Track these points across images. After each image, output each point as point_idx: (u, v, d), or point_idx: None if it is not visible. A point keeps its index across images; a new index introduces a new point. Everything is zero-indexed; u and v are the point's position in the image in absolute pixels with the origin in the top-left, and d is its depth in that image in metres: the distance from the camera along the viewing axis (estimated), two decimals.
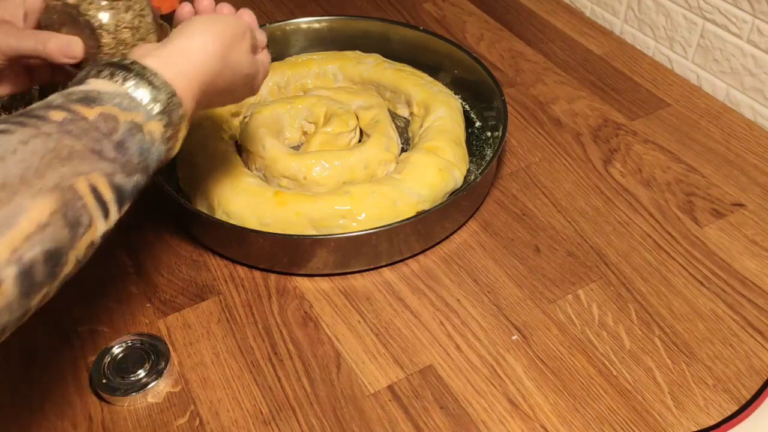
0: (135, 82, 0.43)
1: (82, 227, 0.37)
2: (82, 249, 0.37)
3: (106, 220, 0.39)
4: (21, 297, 0.34)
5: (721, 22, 0.83)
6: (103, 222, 0.39)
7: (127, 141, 0.40)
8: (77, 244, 0.37)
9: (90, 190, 0.37)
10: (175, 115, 0.44)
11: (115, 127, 0.40)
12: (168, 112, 0.44)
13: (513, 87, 0.89)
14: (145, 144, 0.42)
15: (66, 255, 0.36)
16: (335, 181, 0.70)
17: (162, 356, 0.59)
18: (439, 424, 0.55)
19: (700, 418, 0.55)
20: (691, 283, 0.65)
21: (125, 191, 0.41)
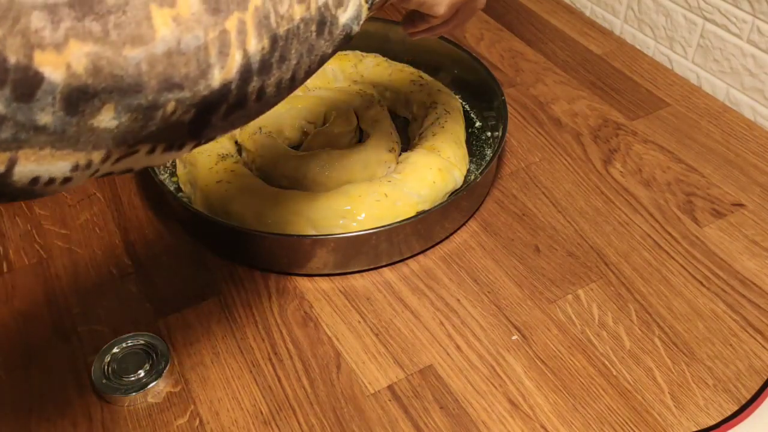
0: None
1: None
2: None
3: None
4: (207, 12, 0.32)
5: (721, 22, 0.83)
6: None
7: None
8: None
9: None
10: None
11: None
12: None
13: (513, 87, 0.89)
14: None
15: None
16: (335, 181, 0.70)
17: (162, 356, 0.59)
18: (439, 424, 0.55)
19: (700, 418, 0.55)
20: (691, 283, 0.65)
21: None
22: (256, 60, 0.35)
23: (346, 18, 0.40)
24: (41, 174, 0.30)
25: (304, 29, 0.38)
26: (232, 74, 0.34)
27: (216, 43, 0.33)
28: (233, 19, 0.33)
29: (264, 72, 0.36)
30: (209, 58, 0.33)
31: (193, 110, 0.34)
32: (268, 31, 0.35)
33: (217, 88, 0.34)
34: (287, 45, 0.37)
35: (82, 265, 0.69)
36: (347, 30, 0.41)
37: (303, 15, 0.37)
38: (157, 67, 0.31)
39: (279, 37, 0.36)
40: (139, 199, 0.75)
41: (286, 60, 0.37)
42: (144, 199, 0.75)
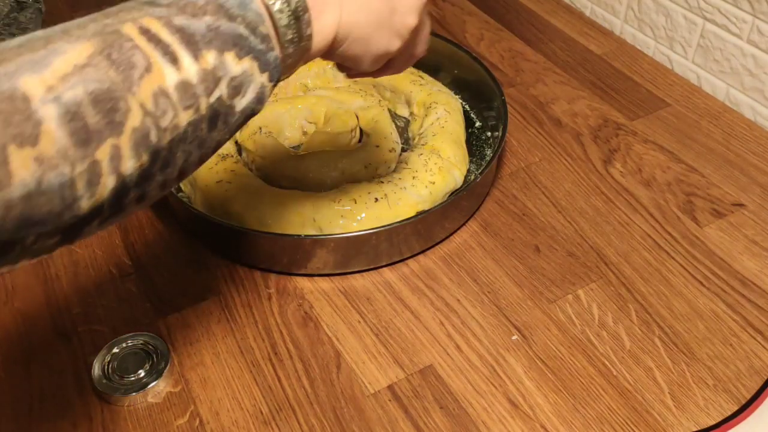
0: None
1: (138, 69, 0.32)
2: (148, 96, 0.33)
3: (176, 65, 0.34)
4: (75, 145, 0.30)
5: (721, 22, 0.83)
6: (171, 67, 0.33)
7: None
8: (135, 90, 0.32)
9: (140, 32, 0.33)
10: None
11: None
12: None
13: (513, 87, 0.89)
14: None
15: (123, 100, 0.32)
16: (335, 181, 0.70)
17: (162, 356, 0.59)
18: (439, 424, 0.55)
19: (700, 418, 0.55)
20: (691, 283, 0.65)
21: (193, 32, 0.35)
22: (134, 177, 0.33)
23: (245, 104, 0.38)
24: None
25: (193, 131, 0.35)
26: (103, 198, 0.32)
27: (84, 176, 0.31)
28: (106, 146, 0.31)
29: (144, 182, 0.34)
30: (76, 192, 0.31)
31: (59, 235, 0.32)
32: (148, 148, 0.33)
33: (85, 214, 0.32)
34: (172, 152, 0.35)
35: (82, 265, 0.69)
36: (248, 112, 0.38)
37: (191, 119, 0.35)
38: (14, 211, 0.29)
39: (162, 149, 0.34)
40: None
41: (170, 164, 0.35)
42: None
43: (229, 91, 0.36)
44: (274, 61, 0.38)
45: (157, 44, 0.33)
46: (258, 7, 0.37)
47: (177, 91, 0.34)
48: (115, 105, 0.32)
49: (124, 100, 0.32)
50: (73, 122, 0.30)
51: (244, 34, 0.36)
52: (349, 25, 0.43)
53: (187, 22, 0.35)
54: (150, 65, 0.33)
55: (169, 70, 0.34)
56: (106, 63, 0.32)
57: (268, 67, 0.38)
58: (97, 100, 0.31)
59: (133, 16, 0.34)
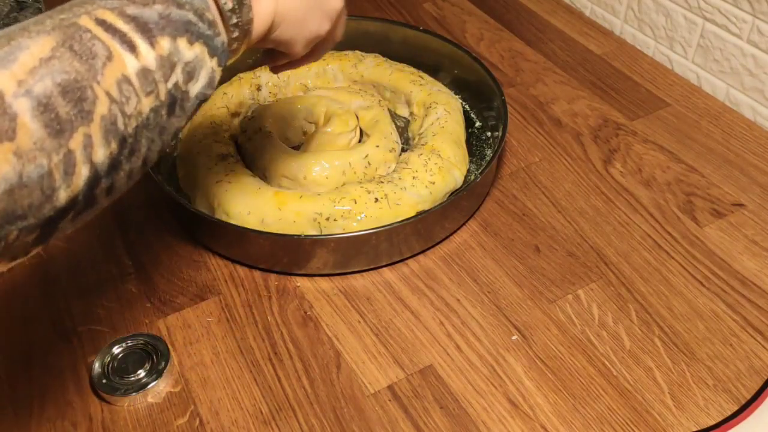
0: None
1: (100, 59, 0.33)
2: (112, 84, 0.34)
3: (134, 53, 0.35)
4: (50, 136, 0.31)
5: (721, 22, 0.83)
6: (130, 55, 0.35)
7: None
8: (100, 79, 0.33)
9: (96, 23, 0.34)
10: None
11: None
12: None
13: (513, 87, 0.89)
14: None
15: (90, 89, 0.33)
16: (335, 181, 0.70)
17: (162, 356, 0.59)
18: (439, 424, 0.55)
19: (700, 418, 0.55)
20: (691, 283, 0.65)
21: (146, 20, 0.36)
22: (105, 165, 0.34)
23: (198, 88, 0.39)
24: None
25: (155, 117, 0.37)
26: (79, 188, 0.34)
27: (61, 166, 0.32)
28: (78, 135, 0.32)
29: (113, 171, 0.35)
30: (54, 183, 0.32)
31: (38, 230, 0.33)
32: (116, 135, 0.34)
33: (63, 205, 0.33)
34: (137, 139, 0.36)
35: (82, 265, 0.69)
36: (201, 98, 0.40)
37: (153, 105, 0.36)
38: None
39: (128, 136, 0.35)
40: (139, 199, 0.75)
41: (136, 152, 0.36)
42: (144, 199, 0.75)
43: (183, 77, 0.38)
44: (221, 45, 0.40)
45: (115, 33, 0.35)
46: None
47: (138, 78, 0.35)
48: (83, 94, 0.33)
49: (90, 89, 0.33)
50: (46, 113, 0.31)
51: (193, 20, 0.38)
52: (284, 9, 0.45)
53: (140, 11, 0.36)
54: (111, 54, 0.34)
55: (129, 58, 0.35)
56: (69, 54, 0.33)
57: (217, 51, 0.40)
58: (65, 91, 0.32)
59: (87, 9, 0.35)
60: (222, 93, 0.82)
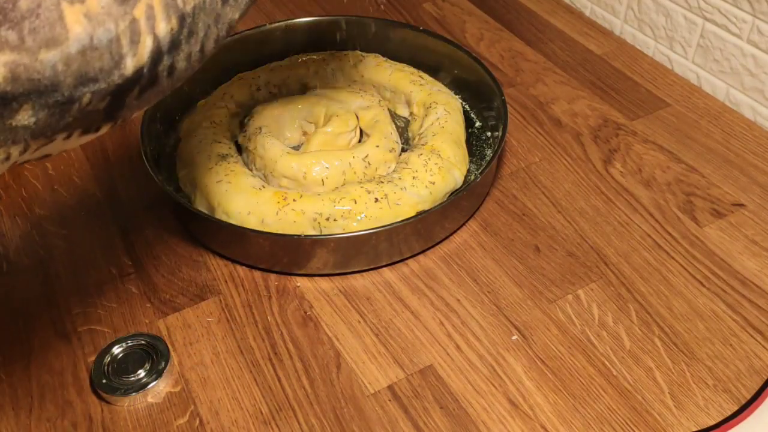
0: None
1: None
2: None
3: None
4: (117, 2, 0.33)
5: (721, 22, 0.83)
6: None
7: None
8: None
9: None
10: None
11: None
12: None
13: (513, 87, 0.89)
14: None
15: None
16: (335, 181, 0.70)
17: (162, 356, 0.59)
18: (439, 424, 0.55)
19: (700, 418, 0.55)
20: (691, 283, 0.65)
21: None
22: (166, 41, 0.36)
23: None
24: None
25: (210, 2, 0.39)
26: (144, 60, 0.35)
27: (127, 33, 0.34)
28: (141, 5, 0.34)
29: (174, 50, 0.37)
30: (122, 49, 0.34)
31: (108, 98, 0.35)
32: (176, 11, 0.36)
33: (130, 75, 0.35)
34: (195, 20, 0.38)
35: (82, 265, 0.69)
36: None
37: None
38: (73, 66, 0.32)
39: (186, 15, 0.37)
40: (139, 199, 0.75)
41: (194, 34, 0.38)
42: (144, 199, 0.75)
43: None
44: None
45: None
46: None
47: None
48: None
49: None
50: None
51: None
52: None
53: None
54: None
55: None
56: None
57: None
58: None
59: None
60: (222, 93, 0.82)
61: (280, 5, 1.06)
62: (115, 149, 0.81)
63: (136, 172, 0.77)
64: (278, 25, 0.89)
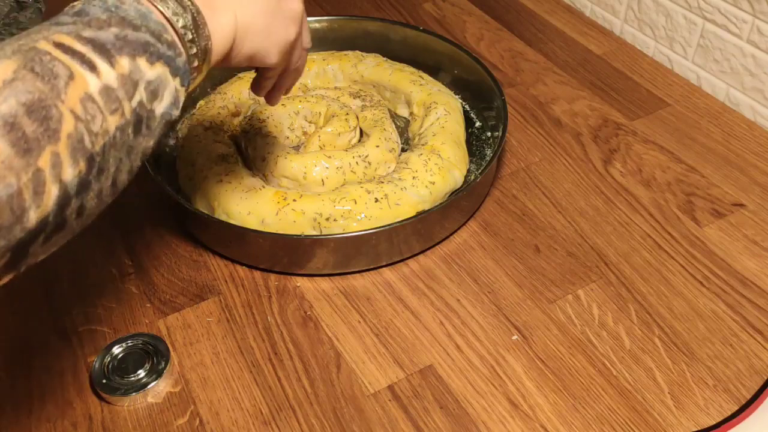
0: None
1: (62, 78, 0.34)
2: (76, 103, 0.34)
3: (95, 72, 0.36)
4: (18, 155, 0.32)
5: (721, 22, 0.83)
6: (91, 74, 0.35)
7: (86, 8, 0.38)
8: (64, 98, 0.34)
9: (54, 46, 0.35)
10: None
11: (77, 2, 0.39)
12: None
13: (513, 87, 0.89)
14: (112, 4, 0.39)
15: (55, 108, 0.33)
16: (335, 181, 0.70)
17: (162, 356, 0.59)
18: (439, 424, 0.55)
19: (700, 418, 0.55)
20: (691, 283, 0.65)
21: (104, 42, 0.37)
22: (74, 184, 0.35)
23: (163, 107, 0.40)
24: None
25: (121, 136, 0.37)
26: (49, 209, 0.34)
27: (30, 186, 0.32)
28: (46, 154, 0.33)
29: (83, 191, 0.36)
30: (24, 203, 0.32)
31: (9, 254, 0.33)
32: (84, 154, 0.35)
33: (33, 227, 0.33)
34: (105, 157, 0.36)
35: (82, 265, 0.69)
36: (166, 117, 0.40)
37: (118, 123, 0.37)
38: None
39: (95, 154, 0.36)
40: (139, 199, 0.75)
41: (104, 171, 0.37)
42: (144, 199, 0.75)
43: (147, 95, 0.38)
44: (183, 65, 0.41)
45: (74, 55, 0.35)
46: (158, 17, 0.40)
47: (101, 96, 0.36)
48: (48, 113, 0.33)
49: (55, 108, 0.33)
50: (13, 132, 0.31)
51: (151, 41, 0.39)
52: (245, 21, 0.46)
53: (95, 34, 0.37)
54: (72, 74, 0.35)
55: (91, 77, 0.35)
56: (31, 75, 0.33)
57: (179, 72, 0.40)
58: (30, 110, 0.32)
59: (44, 34, 0.36)
60: (222, 93, 0.82)
61: None
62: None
63: None
64: None
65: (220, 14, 0.44)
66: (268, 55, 0.50)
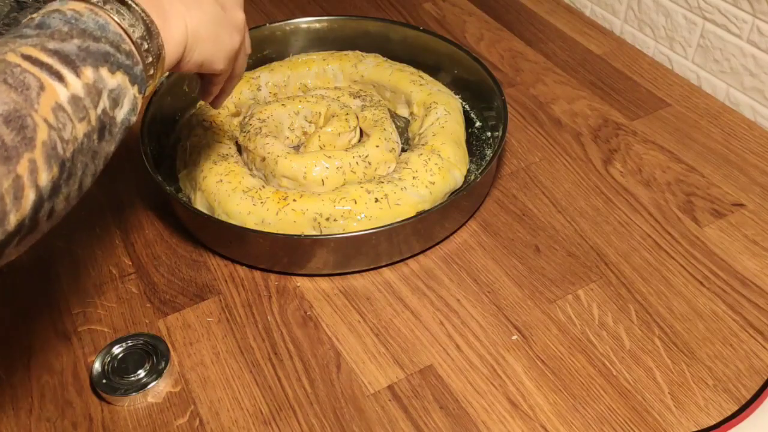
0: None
1: (33, 89, 0.36)
2: (48, 112, 0.36)
3: (63, 82, 0.38)
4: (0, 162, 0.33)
5: (721, 22, 0.83)
6: (60, 84, 0.38)
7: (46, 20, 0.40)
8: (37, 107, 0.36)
9: (23, 58, 0.37)
10: None
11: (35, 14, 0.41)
12: None
13: (513, 87, 0.89)
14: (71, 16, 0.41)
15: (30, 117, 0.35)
16: (335, 181, 0.70)
17: (162, 356, 0.59)
18: (439, 424, 0.55)
19: (700, 418, 0.55)
20: (691, 283, 0.65)
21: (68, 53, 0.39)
22: (48, 189, 0.37)
23: (123, 114, 0.42)
24: None
25: (88, 142, 0.39)
26: (26, 212, 0.36)
27: (11, 191, 0.34)
28: (24, 161, 0.34)
29: (54, 195, 0.38)
30: (6, 207, 0.34)
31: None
32: (57, 159, 0.37)
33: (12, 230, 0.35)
34: (74, 162, 0.38)
35: (82, 265, 0.69)
36: (126, 123, 0.43)
37: (86, 130, 0.39)
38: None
39: (66, 160, 0.38)
40: (139, 199, 0.75)
41: (73, 175, 0.39)
42: (144, 199, 0.75)
43: (110, 103, 0.41)
44: (140, 74, 0.43)
45: (42, 66, 0.37)
46: (115, 28, 0.42)
47: (70, 105, 0.38)
48: (24, 122, 0.35)
49: (30, 117, 0.35)
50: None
51: (111, 51, 0.41)
52: (195, 30, 0.48)
53: (60, 45, 0.39)
54: (42, 84, 0.37)
55: (60, 87, 0.38)
56: (5, 87, 0.35)
57: (137, 79, 0.43)
58: (8, 120, 0.34)
59: (10, 47, 0.37)
60: None
61: (280, 5, 1.06)
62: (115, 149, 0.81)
63: (136, 172, 0.77)
64: (278, 25, 0.89)
65: (171, 24, 0.46)
66: (216, 61, 0.52)
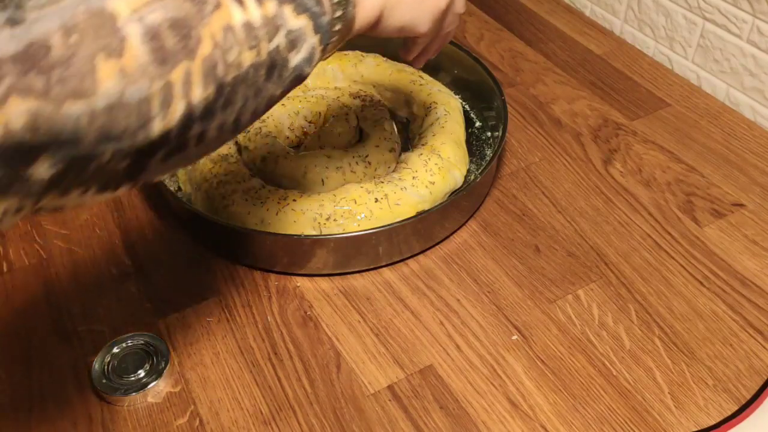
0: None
1: (209, 5, 0.35)
2: (218, 30, 0.35)
3: (242, 6, 0.36)
4: (154, 62, 0.32)
5: (721, 22, 0.83)
6: (237, 7, 0.36)
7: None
8: (207, 22, 0.35)
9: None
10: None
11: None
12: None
13: (513, 87, 0.89)
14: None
15: (196, 29, 0.34)
16: (335, 181, 0.70)
17: (162, 356, 0.59)
18: (439, 424, 0.55)
19: (700, 418, 0.55)
20: (691, 283, 0.65)
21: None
22: (200, 108, 0.35)
23: (298, 60, 0.40)
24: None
25: (253, 74, 0.38)
26: (173, 124, 0.34)
27: (160, 95, 0.33)
28: (180, 69, 0.34)
29: (207, 118, 0.36)
30: (151, 110, 0.33)
31: (129, 158, 0.34)
32: (215, 80, 0.36)
33: (155, 138, 0.34)
34: (233, 90, 0.37)
35: (82, 265, 0.69)
36: (298, 71, 0.41)
37: (253, 61, 0.37)
38: (97, 122, 0.31)
39: (225, 84, 0.36)
40: (139, 199, 0.75)
41: (231, 104, 0.37)
42: (144, 199, 0.75)
43: (286, 43, 0.39)
44: (326, 24, 0.41)
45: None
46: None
47: (243, 30, 0.36)
48: (189, 32, 0.34)
49: (196, 30, 0.34)
50: (154, 41, 0.32)
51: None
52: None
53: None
54: (219, 3, 0.36)
55: (236, 10, 0.36)
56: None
57: (321, 29, 0.41)
58: (174, 26, 0.33)
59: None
60: None
61: None
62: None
63: None
64: None
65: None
66: (418, 25, 0.50)
